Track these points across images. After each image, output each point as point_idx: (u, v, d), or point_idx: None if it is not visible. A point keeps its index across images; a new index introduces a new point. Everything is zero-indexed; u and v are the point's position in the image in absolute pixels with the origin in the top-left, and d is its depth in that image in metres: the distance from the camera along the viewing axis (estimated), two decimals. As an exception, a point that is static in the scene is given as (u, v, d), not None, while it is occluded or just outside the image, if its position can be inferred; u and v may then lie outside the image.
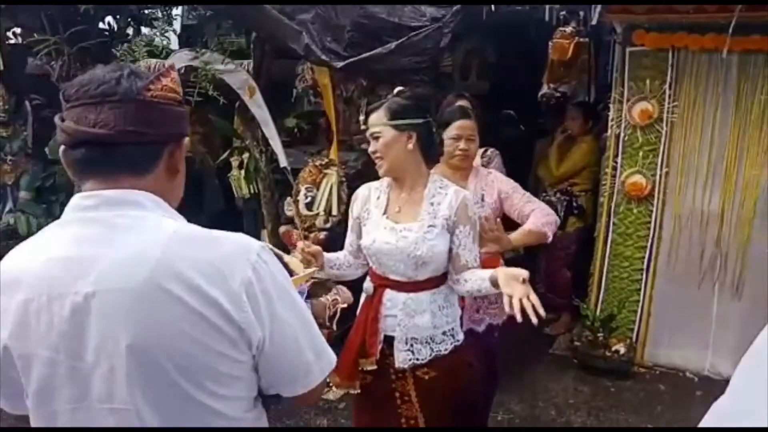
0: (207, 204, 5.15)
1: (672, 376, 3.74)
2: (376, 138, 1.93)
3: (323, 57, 3.25)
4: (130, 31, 4.64)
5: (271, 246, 1.23)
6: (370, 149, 1.97)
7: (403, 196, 1.99)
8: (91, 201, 0.98)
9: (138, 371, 0.94)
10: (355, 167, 3.92)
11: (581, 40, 4.08)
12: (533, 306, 1.63)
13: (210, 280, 0.95)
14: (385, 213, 2.00)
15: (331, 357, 1.12)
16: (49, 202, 4.09)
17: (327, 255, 2.07)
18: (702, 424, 0.94)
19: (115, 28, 4.06)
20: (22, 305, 0.96)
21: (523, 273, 1.72)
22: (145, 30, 4.89)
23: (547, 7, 3.46)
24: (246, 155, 3.90)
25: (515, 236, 2.35)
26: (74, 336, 0.94)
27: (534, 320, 1.60)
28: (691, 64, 3.50)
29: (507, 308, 1.67)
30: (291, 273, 1.36)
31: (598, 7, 3.26)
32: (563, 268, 4.27)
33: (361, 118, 2.09)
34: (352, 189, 2.75)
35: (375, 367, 1.96)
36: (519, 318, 1.64)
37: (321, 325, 1.24)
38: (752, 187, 3.46)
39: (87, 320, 0.94)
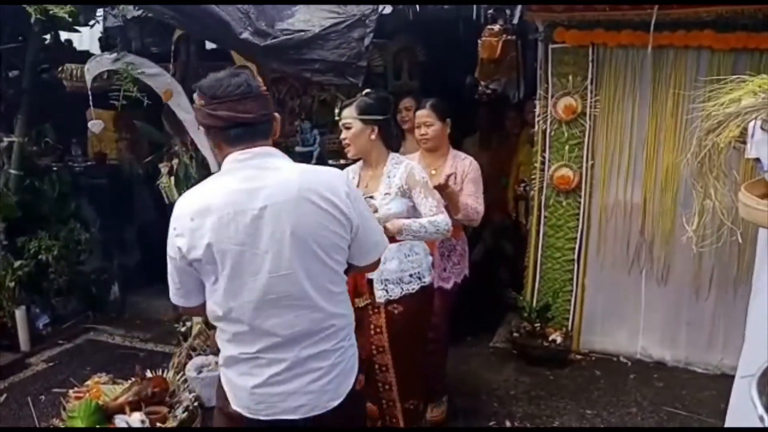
0: (137, 213, 4.97)
1: (606, 362, 3.87)
2: (348, 128, 2.46)
3: (252, 39, 3.22)
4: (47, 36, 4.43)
5: None
6: (342, 136, 2.51)
7: (370, 173, 2.55)
8: (247, 155, 1.59)
9: (296, 248, 1.56)
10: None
11: (509, 37, 4.15)
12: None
13: (330, 192, 1.60)
14: (357, 187, 2.49)
15: (386, 239, 1.86)
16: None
17: None
18: None
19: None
20: (216, 220, 1.53)
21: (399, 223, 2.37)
22: (64, 34, 4.67)
23: (474, 5, 3.51)
24: (176, 161, 3.78)
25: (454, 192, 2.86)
26: (253, 234, 1.54)
27: None
28: (610, 60, 3.62)
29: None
30: None
31: (520, 6, 3.33)
32: None
33: (336, 111, 2.57)
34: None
35: (369, 301, 2.51)
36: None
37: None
38: (671, 177, 3.60)
39: (261, 223, 1.54)
